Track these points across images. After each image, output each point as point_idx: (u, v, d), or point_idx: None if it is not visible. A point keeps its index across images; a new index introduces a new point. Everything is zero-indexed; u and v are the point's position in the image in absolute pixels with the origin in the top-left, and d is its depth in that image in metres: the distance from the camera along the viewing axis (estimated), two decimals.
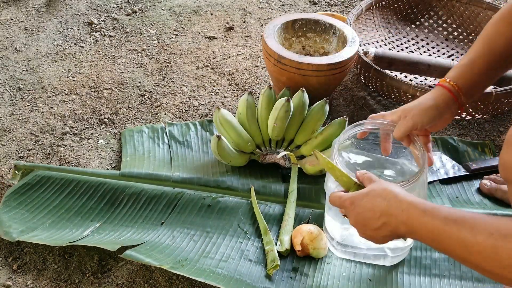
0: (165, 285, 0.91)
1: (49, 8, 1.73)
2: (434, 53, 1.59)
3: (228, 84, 1.44)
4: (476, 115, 1.31)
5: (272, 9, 1.81)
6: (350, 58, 1.17)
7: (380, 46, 1.58)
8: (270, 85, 1.14)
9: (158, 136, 1.22)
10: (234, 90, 1.41)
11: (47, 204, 1.03)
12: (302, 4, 1.84)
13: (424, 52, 1.59)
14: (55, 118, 1.29)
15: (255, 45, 1.60)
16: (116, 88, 1.40)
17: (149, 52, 1.55)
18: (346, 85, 1.45)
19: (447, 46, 1.61)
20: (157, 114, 1.32)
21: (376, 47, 1.56)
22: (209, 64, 1.51)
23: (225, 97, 1.39)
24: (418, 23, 1.68)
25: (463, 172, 1.13)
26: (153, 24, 1.68)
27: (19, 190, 1.06)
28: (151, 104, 1.35)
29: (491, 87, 1.40)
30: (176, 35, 1.64)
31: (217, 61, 1.53)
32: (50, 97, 1.36)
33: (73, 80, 1.42)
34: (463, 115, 1.29)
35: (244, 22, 1.72)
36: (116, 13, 1.72)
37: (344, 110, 1.35)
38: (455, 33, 1.64)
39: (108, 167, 1.16)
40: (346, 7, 1.83)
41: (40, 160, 1.17)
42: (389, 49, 1.58)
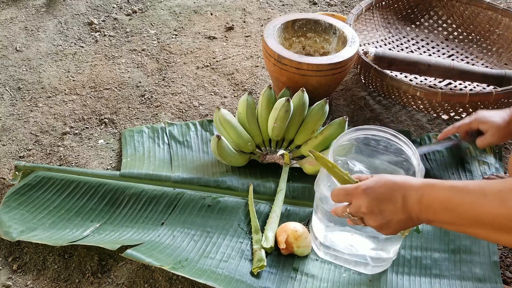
0: (165, 285, 0.91)
1: (49, 8, 1.73)
2: (434, 53, 1.59)
3: (228, 84, 1.44)
4: None
5: (272, 9, 1.81)
6: (350, 58, 1.17)
7: (380, 46, 1.58)
8: (270, 85, 1.14)
9: (158, 136, 1.22)
10: (234, 90, 1.41)
11: (48, 205, 1.04)
12: (302, 4, 1.84)
13: (424, 52, 1.59)
14: (55, 118, 1.29)
15: (255, 45, 1.60)
16: (116, 88, 1.40)
17: (149, 52, 1.55)
18: (346, 85, 1.45)
19: (447, 46, 1.61)
20: (157, 114, 1.32)
21: (376, 47, 1.56)
22: (209, 64, 1.51)
23: (225, 97, 1.39)
24: (418, 23, 1.68)
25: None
26: (153, 24, 1.68)
27: (20, 191, 1.06)
28: (151, 104, 1.35)
29: (491, 87, 1.40)
30: (176, 35, 1.64)
31: (217, 61, 1.53)
32: (50, 97, 1.36)
33: (73, 80, 1.42)
34: (463, 115, 1.29)
35: (244, 22, 1.72)
36: (116, 13, 1.72)
37: (344, 110, 1.35)
38: (455, 33, 1.64)
39: (108, 167, 1.16)
40: (346, 7, 1.83)
41: (40, 160, 1.17)
42: (389, 49, 1.58)
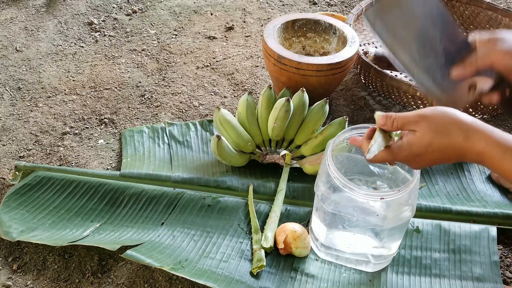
0: (165, 285, 0.91)
1: (49, 8, 1.73)
2: None
3: (228, 84, 1.44)
4: (476, 115, 1.31)
5: (272, 9, 1.81)
6: (350, 58, 1.17)
7: (380, 46, 1.58)
8: (270, 85, 1.14)
9: (158, 136, 1.22)
10: (234, 90, 1.41)
11: (48, 205, 1.04)
12: (302, 4, 1.84)
13: None
14: (55, 118, 1.29)
15: (255, 45, 1.60)
16: (116, 88, 1.40)
17: (149, 52, 1.55)
18: (346, 85, 1.45)
19: None
20: (157, 114, 1.32)
21: (376, 47, 1.56)
22: (209, 64, 1.51)
23: (225, 97, 1.39)
24: None
25: None
26: (153, 24, 1.68)
27: (20, 191, 1.06)
28: (151, 104, 1.35)
29: None
30: (176, 35, 1.64)
31: (217, 61, 1.53)
32: (50, 97, 1.36)
33: (73, 80, 1.42)
34: None
35: (244, 22, 1.72)
36: (116, 13, 1.72)
37: (344, 110, 1.35)
38: None
39: (108, 167, 1.16)
40: (346, 7, 1.83)
41: (40, 160, 1.17)
42: None
